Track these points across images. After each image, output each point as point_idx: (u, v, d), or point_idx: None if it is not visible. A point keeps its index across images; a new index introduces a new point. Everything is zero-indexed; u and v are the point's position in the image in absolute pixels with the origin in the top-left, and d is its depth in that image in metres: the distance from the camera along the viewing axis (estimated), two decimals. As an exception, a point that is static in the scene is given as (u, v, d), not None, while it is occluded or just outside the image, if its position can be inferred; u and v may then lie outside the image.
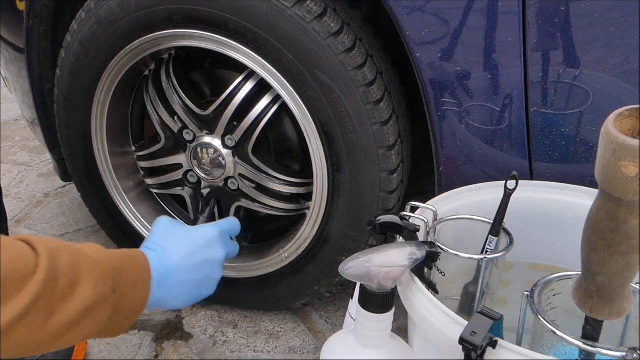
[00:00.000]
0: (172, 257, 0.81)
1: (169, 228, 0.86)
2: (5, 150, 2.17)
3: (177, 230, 0.86)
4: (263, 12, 0.96)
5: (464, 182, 0.94)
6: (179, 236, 0.85)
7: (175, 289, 0.80)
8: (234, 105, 1.09)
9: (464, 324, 0.62)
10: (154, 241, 0.83)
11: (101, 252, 0.70)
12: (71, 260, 0.64)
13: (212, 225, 0.90)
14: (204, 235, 0.87)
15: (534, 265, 0.93)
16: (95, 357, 1.21)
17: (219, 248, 0.88)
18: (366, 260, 0.66)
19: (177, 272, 0.80)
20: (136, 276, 0.73)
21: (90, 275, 0.65)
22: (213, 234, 0.88)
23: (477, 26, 0.86)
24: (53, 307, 0.62)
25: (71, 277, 0.63)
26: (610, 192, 0.55)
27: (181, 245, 0.83)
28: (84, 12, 1.11)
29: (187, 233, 0.86)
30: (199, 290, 0.85)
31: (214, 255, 0.87)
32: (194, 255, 0.84)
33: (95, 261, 0.67)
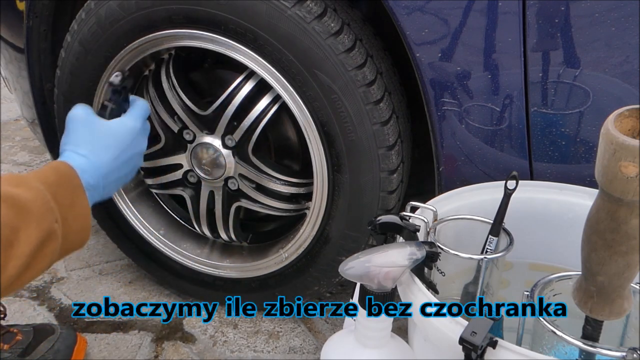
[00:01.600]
0: (102, 162, 0.82)
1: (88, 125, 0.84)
2: (5, 150, 2.17)
3: (100, 129, 0.85)
4: (263, 12, 0.96)
5: (464, 182, 0.94)
6: (104, 137, 0.84)
7: (109, 188, 0.83)
8: (234, 105, 1.09)
9: (464, 324, 0.62)
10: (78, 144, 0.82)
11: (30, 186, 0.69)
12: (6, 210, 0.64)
13: (133, 118, 0.89)
14: (130, 133, 0.87)
15: (534, 265, 0.93)
16: (95, 357, 1.21)
17: (142, 140, 0.90)
18: (366, 260, 0.66)
19: (109, 175, 0.82)
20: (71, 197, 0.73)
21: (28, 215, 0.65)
22: (137, 127, 0.88)
23: (477, 26, 0.86)
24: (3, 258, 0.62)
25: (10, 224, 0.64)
26: (610, 192, 0.55)
27: (107, 147, 0.83)
28: (84, 12, 1.11)
29: (112, 132, 0.85)
30: (126, 180, 0.88)
31: (139, 148, 0.89)
32: (123, 154, 0.85)
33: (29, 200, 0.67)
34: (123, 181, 0.87)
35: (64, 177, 0.75)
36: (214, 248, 1.30)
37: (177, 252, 1.29)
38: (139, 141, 0.88)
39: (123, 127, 0.87)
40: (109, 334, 1.27)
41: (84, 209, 0.75)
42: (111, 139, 0.84)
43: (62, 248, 0.71)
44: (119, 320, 1.31)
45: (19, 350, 1.10)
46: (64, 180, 0.74)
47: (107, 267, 1.48)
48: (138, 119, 0.89)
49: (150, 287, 1.40)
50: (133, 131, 0.87)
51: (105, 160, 0.82)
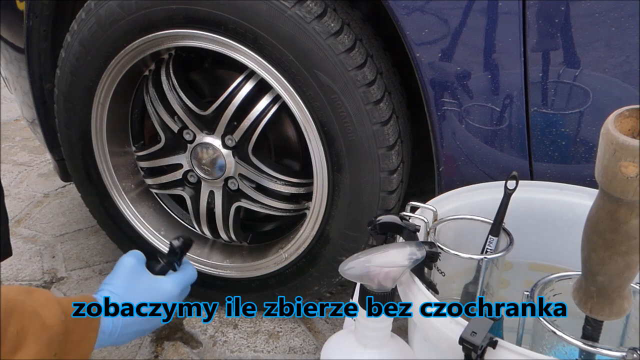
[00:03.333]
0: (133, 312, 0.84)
1: (133, 275, 0.88)
2: (5, 150, 2.17)
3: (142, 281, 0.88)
4: (263, 12, 0.96)
5: (464, 182, 0.94)
6: (142, 290, 0.87)
7: (124, 337, 0.85)
8: (234, 105, 1.09)
9: (464, 324, 0.62)
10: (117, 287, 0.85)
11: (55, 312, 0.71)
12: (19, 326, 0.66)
13: (176, 283, 0.92)
14: (167, 294, 0.90)
15: (534, 265, 0.93)
16: (95, 357, 1.21)
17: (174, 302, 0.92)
18: (366, 260, 0.66)
19: (132, 325, 0.85)
20: (82, 337, 0.75)
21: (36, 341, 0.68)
22: (175, 292, 0.91)
23: (477, 26, 0.86)
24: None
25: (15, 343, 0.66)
26: (610, 192, 0.55)
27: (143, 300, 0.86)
28: (84, 12, 1.11)
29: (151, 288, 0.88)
30: (143, 334, 0.90)
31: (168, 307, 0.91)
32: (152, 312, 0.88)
33: (45, 326, 0.69)
34: (140, 334, 0.89)
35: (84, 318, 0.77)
36: (214, 248, 1.30)
37: (177, 252, 1.29)
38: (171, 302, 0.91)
39: (163, 288, 0.90)
40: (109, 334, 1.27)
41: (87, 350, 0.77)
42: (147, 294, 0.87)
43: None
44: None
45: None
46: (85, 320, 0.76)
47: (107, 267, 1.48)
48: (180, 284, 0.92)
49: (150, 287, 1.40)
50: (170, 294, 0.90)
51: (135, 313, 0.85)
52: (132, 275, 0.87)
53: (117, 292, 0.84)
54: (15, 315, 0.67)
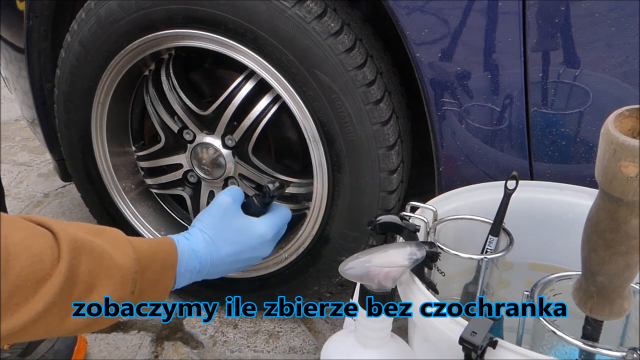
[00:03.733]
0: (219, 252, 0.82)
1: (227, 214, 0.85)
2: (5, 150, 2.17)
3: (235, 222, 0.85)
4: (263, 12, 0.96)
5: (464, 182, 0.94)
6: (234, 231, 0.84)
7: (213, 274, 0.83)
8: (234, 105, 1.09)
9: (464, 324, 0.62)
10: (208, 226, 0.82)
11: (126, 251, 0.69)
12: (91, 265, 0.64)
13: (270, 225, 0.89)
14: (259, 238, 0.87)
15: (534, 265, 0.93)
16: (95, 357, 1.21)
17: (267, 248, 0.89)
18: (366, 260, 0.66)
19: (219, 266, 0.82)
20: (159, 275, 0.73)
21: (109, 280, 0.66)
22: (268, 236, 0.88)
23: (477, 26, 0.86)
24: (68, 310, 0.62)
25: (89, 282, 0.63)
26: (610, 192, 0.55)
27: (232, 241, 0.83)
28: (84, 12, 1.11)
29: (243, 230, 0.85)
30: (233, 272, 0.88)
31: (260, 254, 0.88)
32: (241, 254, 0.85)
33: (117, 265, 0.67)
34: (229, 273, 0.88)
35: (162, 253, 0.75)
36: (214, 248, 1.30)
37: (177, 252, 1.29)
38: (263, 248, 0.89)
39: (255, 230, 0.87)
40: (108, 334, 1.27)
41: (165, 287, 0.76)
42: (241, 236, 0.85)
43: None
44: (119, 320, 1.31)
45: (19, 350, 1.10)
46: (160, 256, 0.75)
47: (107, 267, 1.48)
48: (273, 226, 0.90)
49: (150, 287, 1.40)
50: (262, 238, 0.88)
51: (223, 252, 0.83)
52: (225, 214, 0.84)
53: (207, 231, 0.82)
54: (85, 255, 0.64)
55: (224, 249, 0.83)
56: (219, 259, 0.82)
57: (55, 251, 0.61)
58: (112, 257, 0.67)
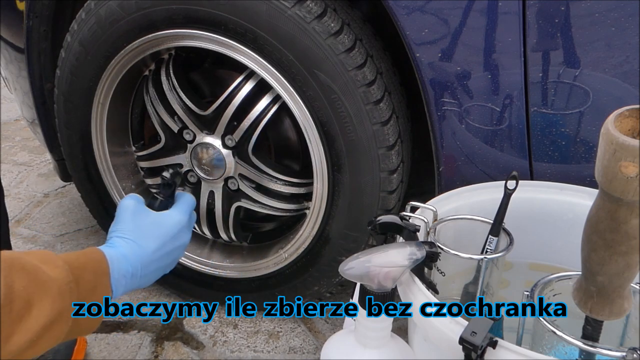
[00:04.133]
0: (145, 251, 0.82)
1: (138, 215, 0.85)
2: (5, 150, 2.17)
3: (147, 218, 0.86)
4: (263, 12, 0.96)
5: (464, 182, 0.94)
6: (150, 227, 0.85)
7: (146, 279, 0.83)
8: (234, 105, 1.09)
9: (464, 324, 0.62)
10: (125, 231, 0.83)
11: (57, 264, 0.69)
12: (25, 281, 0.64)
13: (181, 212, 0.89)
14: (175, 225, 0.87)
15: (534, 265, 0.93)
16: (95, 357, 1.21)
17: (186, 233, 0.89)
18: (366, 260, 0.66)
19: (150, 264, 0.82)
20: (94, 283, 0.73)
21: (46, 293, 0.65)
22: (183, 222, 0.88)
23: (477, 26, 0.86)
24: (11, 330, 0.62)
25: (26, 298, 0.63)
26: (610, 192, 0.55)
27: (153, 236, 0.84)
28: (84, 12, 1.11)
29: (158, 224, 0.86)
30: (164, 271, 0.87)
31: (182, 241, 0.88)
32: (166, 246, 0.85)
33: (51, 278, 0.67)
34: (162, 272, 0.87)
35: (92, 262, 0.75)
36: (214, 248, 1.30)
37: (177, 252, 1.29)
38: (183, 234, 0.89)
39: (170, 220, 0.87)
40: (109, 334, 1.27)
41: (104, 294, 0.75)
42: (158, 229, 0.85)
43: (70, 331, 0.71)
44: (119, 320, 1.31)
45: (19, 350, 1.10)
46: (91, 265, 0.74)
47: (107, 267, 1.48)
48: (185, 212, 0.90)
49: (150, 287, 1.40)
50: (179, 224, 0.88)
51: (149, 249, 0.82)
52: (136, 215, 0.84)
53: (126, 235, 0.82)
54: (17, 272, 0.64)
55: (148, 245, 0.83)
56: (147, 257, 0.82)
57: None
58: (44, 271, 0.67)
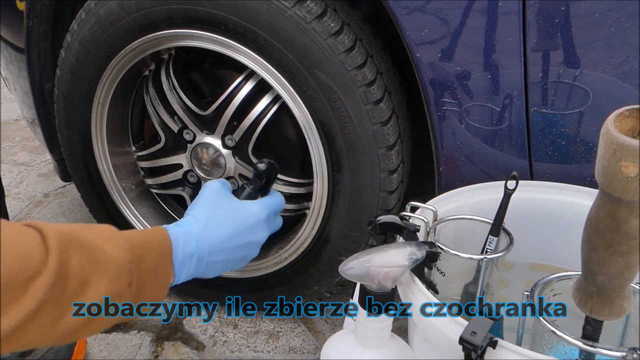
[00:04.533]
0: (216, 236, 0.79)
1: (218, 199, 0.82)
2: (5, 150, 2.17)
3: (226, 204, 0.83)
4: (263, 12, 0.96)
5: (464, 182, 0.94)
6: (227, 212, 0.81)
7: (212, 267, 0.79)
8: (234, 105, 1.09)
9: (464, 324, 0.62)
10: (200, 211, 0.80)
11: (118, 242, 0.66)
12: (83, 259, 0.61)
13: (262, 205, 0.86)
14: (253, 217, 0.84)
15: (534, 265, 0.93)
16: (95, 357, 1.21)
17: (263, 230, 0.86)
18: (366, 260, 0.66)
19: (218, 252, 0.79)
20: (156, 264, 0.70)
21: (104, 272, 0.63)
22: (262, 215, 0.85)
23: (477, 26, 0.86)
24: (63, 308, 0.59)
25: (82, 277, 0.61)
26: (610, 192, 0.55)
27: (228, 224, 0.81)
28: (84, 12, 1.11)
29: (236, 211, 0.83)
30: (233, 266, 0.84)
31: (257, 237, 0.85)
32: (238, 236, 0.81)
33: (110, 257, 0.64)
34: (231, 266, 0.83)
35: (156, 242, 0.72)
36: (214, 248, 1.30)
37: (177, 252, 1.29)
38: (260, 229, 0.85)
39: (248, 210, 0.84)
40: (109, 334, 1.27)
41: (165, 278, 0.72)
42: (233, 216, 0.81)
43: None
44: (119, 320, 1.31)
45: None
46: (155, 245, 0.71)
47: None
48: (267, 208, 0.86)
49: (150, 287, 1.40)
50: (257, 216, 0.84)
51: (221, 235, 0.79)
52: (216, 199, 0.81)
53: (199, 217, 0.79)
54: (74, 249, 0.61)
55: (219, 231, 0.79)
56: (217, 243, 0.78)
57: (42, 248, 0.58)
58: (103, 249, 0.64)
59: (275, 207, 0.89)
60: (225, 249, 0.80)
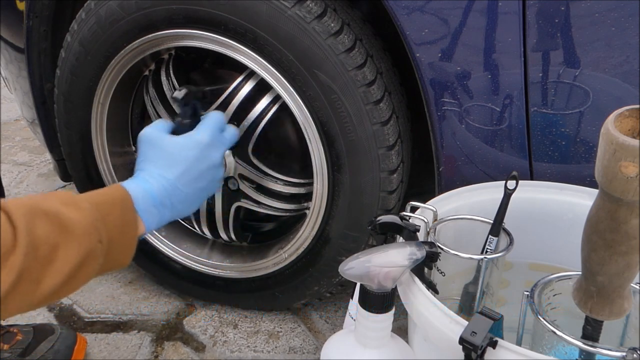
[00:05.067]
0: (167, 178, 0.80)
1: (157, 143, 0.83)
2: (5, 150, 2.17)
3: (166, 145, 0.83)
4: (263, 12, 0.96)
5: (464, 182, 0.94)
6: (170, 152, 0.82)
7: (180, 205, 0.81)
8: (234, 105, 1.09)
9: (464, 324, 0.62)
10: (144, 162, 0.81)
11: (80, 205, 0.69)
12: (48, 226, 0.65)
13: (200, 131, 0.86)
14: (195, 146, 0.83)
15: (534, 265, 0.93)
16: (95, 357, 1.21)
17: (215, 151, 0.86)
18: (366, 260, 0.66)
19: (176, 191, 0.80)
20: (121, 220, 0.73)
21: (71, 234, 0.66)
22: (204, 140, 0.84)
23: (477, 26, 0.86)
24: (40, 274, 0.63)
25: (51, 242, 0.64)
26: (610, 192, 0.55)
27: (175, 162, 0.81)
28: (84, 12, 1.11)
29: (177, 147, 0.83)
30: (204, 193, 0.85)
31: (210, 161, 0.85)
32: (191, 170, 0.82)
33: (75, 219, 0.67)
34: (199, 196, 0.83)
35: (117, 199, 0.74)
36: (214, 248, 1.30)
37: (178, 252, 1.29)
38: (209, 153, 0.84)
39: (189, 142, 0.83)
40: (108, 334, 1.27)
41: (132, 230, 0.75)
42: (176, 155, 0.82)
43: (103, 267, 0.71)
44: (119, 320, 1.31)
45: (18, 350, 1.10)
46: (116, 201, 0.74)
47: (107, 267, 1.48)
48: (205, 131, 0.85)
49: (150, 287, 1.40)
50: (199, 144, 0.83)
51: (171, 177, 0.80)
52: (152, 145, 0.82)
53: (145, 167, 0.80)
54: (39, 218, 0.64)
55: (169, 173, 0.80)
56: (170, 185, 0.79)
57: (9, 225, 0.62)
58: (66, 214, 0.67)
59: (213, 126, 0.88)
60: (183, 186, 0.81)
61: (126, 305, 1.35)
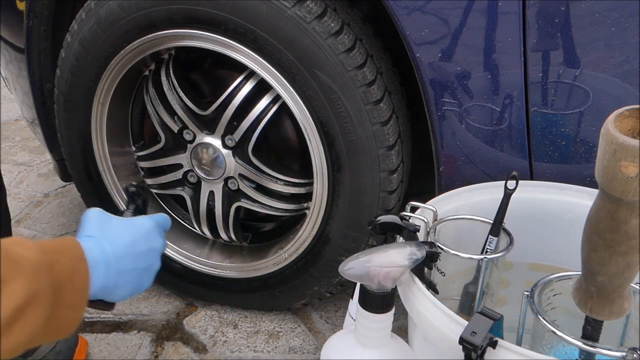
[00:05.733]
0: (116, 245, 0.79)
1: (103, 218, 0.82)
2: (5, 150, 2.17)
3: (114, 220, 0.83)
4: (263, 12, 0.96)
5: (464, 182, 0.94)
6: (117, 226, 0.82)
7: (121, 278, 0.79)
8: (234, 105, 1.09)
9: (464, 324, 0.62)
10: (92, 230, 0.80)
11: (29, 246, 0.66)
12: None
13: (147, 218, 0.87)
14: (143, 225, 0.84)
15: (534, 265, 0.93)
16: (95, 357, 1.21)
17: (158, 238, 0.86)
18: (366, 260, 0.66)
19: (122, 259, 0.79)
20: (71, 268, 0.70)
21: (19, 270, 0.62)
22: (151, 224, 0.86)
23: (477, 26, 0.86)
24: None
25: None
26: (610, 192, 0.55)
27: (122, 233, 0.81)
28: (84, 12, 1.11)
29: (125, 222, 0.83)
30: (142, 280, 0.84)
31: (155, 244, 0.85)
32: (137, 243, 0.82)
33: (24, 256, 0.64)
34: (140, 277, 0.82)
35: (66, 247, 0.71)
36: (214, 248, 1.30)
37: (178, 252, 1.29)
38: (153, 236, 0.85)
39: (136, 220, 0.85)
40: (109, 334, 1.27)
41: (83, 283, 0.71)
42: (125, 227, 0.82)
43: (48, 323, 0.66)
44: (119, 320, 1.31)
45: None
46: (65, 249, 0.71)
47: (107, 267, 1.48)
48: (151, 220, 0.87)
49: (150, 287, 1.40)
50: (145, 226, 0.84)
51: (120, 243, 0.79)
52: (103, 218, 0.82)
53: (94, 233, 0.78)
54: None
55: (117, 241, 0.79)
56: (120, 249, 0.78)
57: None
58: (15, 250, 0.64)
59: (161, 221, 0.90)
60: (128, 256, 0.80)
61: (126, 305, 1.35)
